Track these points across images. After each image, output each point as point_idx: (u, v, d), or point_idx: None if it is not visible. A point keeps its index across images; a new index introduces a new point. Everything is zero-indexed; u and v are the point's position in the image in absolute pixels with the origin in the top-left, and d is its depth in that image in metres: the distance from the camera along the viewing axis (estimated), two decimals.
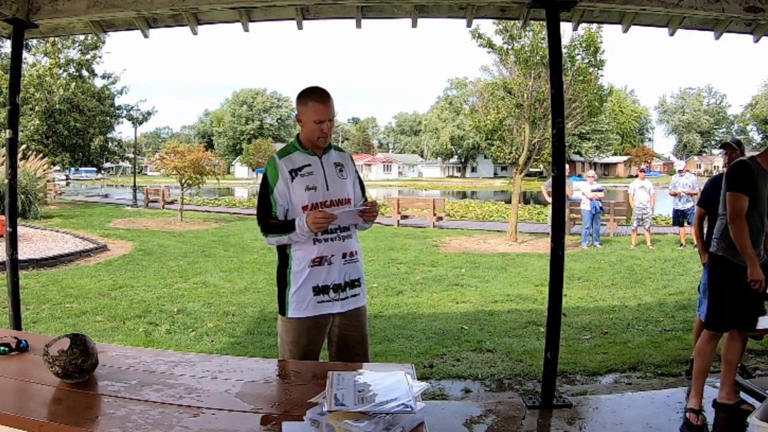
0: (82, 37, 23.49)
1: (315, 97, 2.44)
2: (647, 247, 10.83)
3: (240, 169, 70.61)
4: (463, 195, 40.00)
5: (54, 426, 1.58)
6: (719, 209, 3.32)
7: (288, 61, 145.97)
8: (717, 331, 3.31)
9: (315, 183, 2.43)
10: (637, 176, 12.11)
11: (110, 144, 28.00)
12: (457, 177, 74.25)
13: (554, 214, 3.52)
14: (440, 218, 15.90)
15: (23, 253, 8.13)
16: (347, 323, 2.49)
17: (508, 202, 19.72)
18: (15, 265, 3.74)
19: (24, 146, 19.44)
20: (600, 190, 11.74)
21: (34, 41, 22.00)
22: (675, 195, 10.84)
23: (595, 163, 64.08)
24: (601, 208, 11.81)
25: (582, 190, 11.78)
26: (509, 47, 11.79)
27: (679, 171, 11.46)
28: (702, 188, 3.78)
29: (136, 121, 27.35)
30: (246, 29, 3.86)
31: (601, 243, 11.50)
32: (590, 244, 11.23)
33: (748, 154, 3.56)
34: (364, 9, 3.79)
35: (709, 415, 3.34)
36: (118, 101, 27.77)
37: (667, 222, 14.82)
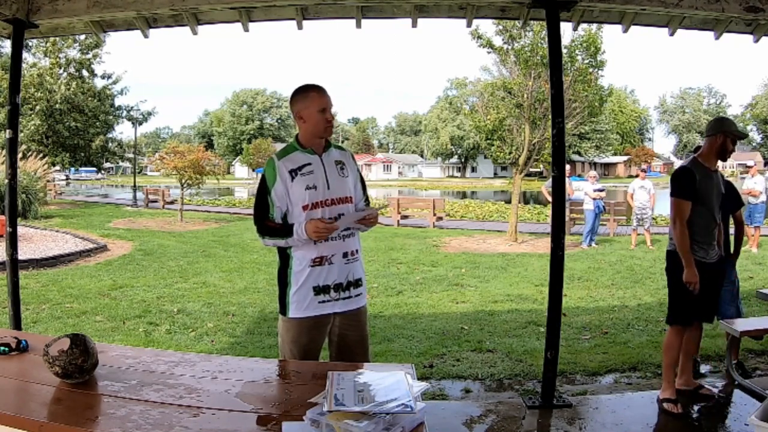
0: (82, 37, 23.54)
1: (314, 88, 2.49)
2: (647, 247, 10.83)
3: (240, 169, 70.59)
4: (463, 195, 39.99)
5: (54, 426, 1.58)
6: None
7: (288, 61, 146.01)
8: (682, 325, 3.43)
9: (315, 182, 2.42)
10: (637, 176, 12.09)
11: (110, 144, 28.02)
12: (457, 177, 74.22)
13: (554, 214, 3.52)
14: (440, 218, 15.91)
15: (23, 253, 8.13)
16: (347, 323, 2.48)
17: (508, 202, 19.73)
18: (15, 265, 3.74)
19: (24, 146, 19.49)
20: (602, 190, 11.78)
21: (34, 41, 22.00)
22: None
23: (595, 163, 64.09)
24: (603, 208, 11.84)
25: (584, 190, 11.79)
26: (509, 47, 11.79)
27: None
28: None
29: (136, 122, 27.35)
30: (246, 29, 3.86)
31: (597, 243, 11.50)
32: (589, 245, 11.23)
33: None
34: (364, 9, 3.78)
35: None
36: (118, 101, 27.84)
37: (666, 222, 14.81)
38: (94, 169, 43.12)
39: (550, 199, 8.43)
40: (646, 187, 11.13)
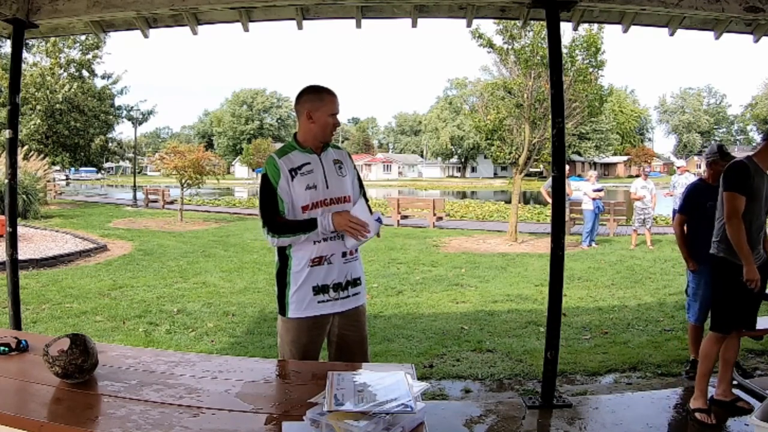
0: (83, 37, 23.53)
1: (328, 91, 2.48)
2: (647, 247, 10.83)
3: (240, 169, 70.59)
4: (463, 195, 40.01)
5: (54, 426, 1.58)
6: (717, 212, 3.33)
7: (288, 61, 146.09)
8: (724, 333, 3.29)
9: (315, 181, 2.41)
10: (638, 176, 12.12)
11: (110, 144, 28.03)
12: (457, 177, 74.22)
13: (554, 214, 3.52)
14: (440, 218, 15.91)
15: (23, 253, 8.13)
16: (347, 323, 2.48)
17: (508, 202, 19.74)
18: (15, 265, 3.74)
19: (26, 147, 19.53)
20: (600, 190, 11.80)
21: (35, 41, 22.00)
22: (671, 195, 10.84)
23: (595, 163, 64.12)
24: (602, 208, 11.86)
25: (583, 190, 11.80)
26: (509, 47, 11.79)
27: (678, 169, 11.47)
28: (682, 194, 3.83)
29: (136, 121, 27.36)
30: (246, 29, 3.86)
31: (597, 243, 11.50)
32: (589, 245, 11.23)
33: (743, 154, 3.56)
34: (364, 9, 3.78)
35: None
36: (118, 101, 27.84)
37: (667, 222, 14.82)
38: (94, 169, 43.07)
39: (549, 199, 8.41)
40: (648, 188, 11.16)
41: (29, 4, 3.60)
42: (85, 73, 25.26)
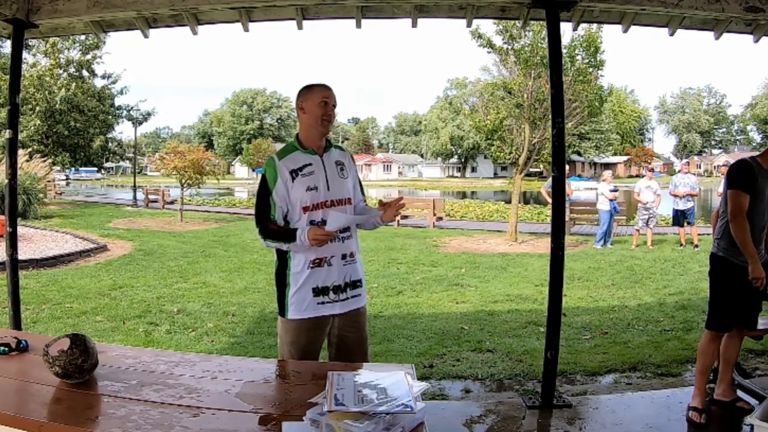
0: (82, 38, 23.51)
1: (319, 84, 2.50)
2: (647, 247, 10.83)
3: (240, 169, 70.63)
4: (463, 195, 40.03)
5: (54, 426, 1.58)
6: (720, 209, 3.33)
7: (288, 61, 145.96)
8: (718, 331, 3.30)
9: (316, 183, 2.41)
10: (644, 176, 12.11)
11: (110, 144, 28.04)
12: (457, 177, 74.24)
13: (554, 214, 3.52)
14: (440, 218, 15.91)
15: (23, 253, 8.12)
16: (347, 324, 2.48)
17: (508, 202, 19.75)
18: (15, 265, 3.74)
19: (30, 150, 19.54)
20: (615, 190, 11.80)
21: (34, 42, 22.00)
22: (675, 195, 10.82)
23: (595, 163, 64.15)
24: (618, 208, 11.86)
25: (601, 190, 11.78)
26: (509, 47, 11.79)
27: (679, 170, 11.48)
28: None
29: (136, 121, 27.36)
30: (246, 29, 3.86)
31: (612, 243, 11.47)
32: (603, 245, 11.20)
33: (747, 154, 3.54)
34: (364, 9, 3.79)
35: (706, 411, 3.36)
36: (118, 101, 27.85)
37: (667, 222, 14.81)
38: (95, 168, 43.12)
39: (549, 200, 8.38)
40: (653, 188, 11.15)
41: (29, 4, 3.60)
42: (84, 73, 25.25)
